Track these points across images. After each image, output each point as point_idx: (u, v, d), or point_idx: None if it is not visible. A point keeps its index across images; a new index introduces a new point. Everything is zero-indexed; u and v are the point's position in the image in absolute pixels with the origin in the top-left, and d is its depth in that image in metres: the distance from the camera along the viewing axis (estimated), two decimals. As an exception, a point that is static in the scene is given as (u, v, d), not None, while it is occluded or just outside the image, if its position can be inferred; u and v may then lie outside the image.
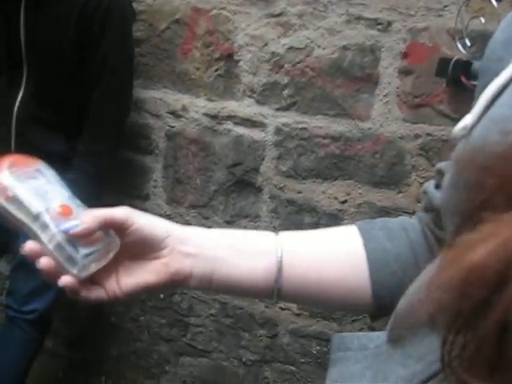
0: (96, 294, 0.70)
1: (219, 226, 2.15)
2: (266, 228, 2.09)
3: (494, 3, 1.67)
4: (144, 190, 2.27)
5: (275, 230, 2.03)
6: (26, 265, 1.92)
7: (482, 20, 1.70)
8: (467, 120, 0.55)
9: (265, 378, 2.30)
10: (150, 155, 2.23)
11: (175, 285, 0.73)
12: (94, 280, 0.70)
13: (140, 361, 2.52)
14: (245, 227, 2.12)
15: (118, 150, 2.05)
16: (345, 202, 1.97)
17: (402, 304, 0.61)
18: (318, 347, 2.16)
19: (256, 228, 2.11)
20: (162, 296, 2.36)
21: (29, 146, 1.89)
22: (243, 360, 2.31)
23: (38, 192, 0.69)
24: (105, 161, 1.97)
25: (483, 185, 0.41)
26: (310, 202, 2.01)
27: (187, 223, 2.20)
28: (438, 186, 0.70)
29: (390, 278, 0.73)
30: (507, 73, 0.53)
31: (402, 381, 0.54)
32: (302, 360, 2.20)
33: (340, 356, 0.70)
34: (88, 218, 0.67)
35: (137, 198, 2.26)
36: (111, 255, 0.70)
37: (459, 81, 1.67)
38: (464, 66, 1.67)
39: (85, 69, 1.88)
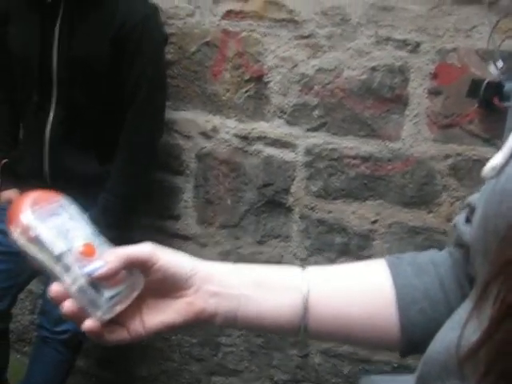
0: (119, 335, 0.68)
1: (250, 246, 2.16)
2: (296, 248, 2.10)
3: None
4: (175, 210, 2.29)
5: (306, 250, 2.03)
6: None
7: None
8: (497, 159, 0.53)
9: (296, 397, 2.29)
10: (180, 176, 2.25)
11: (200, 323, 0.71)
12: (116, 320, 0.68)
13: (171, 381, 2.53)
14: (275, 247, 2.13)
15: (151, 172, 2.06)
16: (375, 222, 1.97)
17: (432, 347, 0.60)
18: (349, 367, 2.15)
19: (287, 248, 2.11)
20: (192, 315, 2.37)
21: (62, 169, 1.91)
22: (275, 379, 2.30)
23: (60, 230, 0.67)
24: (138, 183, 1.99)
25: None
26: (341, 222, 2.02)
27: (217, 243, 2.21)
28: (468, 220, 0.69)
29: (418, 315, 0.71)
30: None
31: None
32: (333, 380, 2.19)
33: None
34: (111, 257, 0.66)
35: (168, 218, 2.28)
36: (135, 295, 0.68)
37: (491, 102, 1.66)
38: (497, 88, 1.67)
39: (118, 90, 1.90)
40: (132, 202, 2.01)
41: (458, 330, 0.50)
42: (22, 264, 2.02)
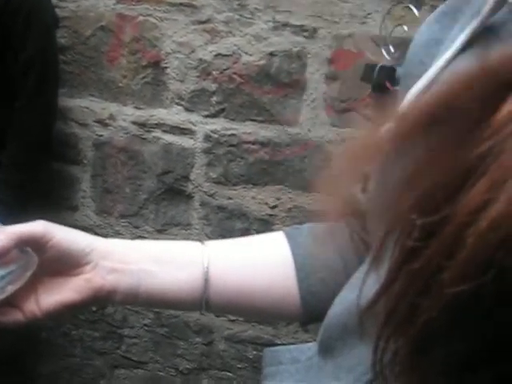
0: (13, 316, 0.66)
1: (150, 235, 2.13)
2: (197, 235, 2.09)
3: (415, 11, 1.72)
4: (73, 201, 2.22)
5: (207, 237, 2.03)
6: None
7: (405, 28, 1.74)
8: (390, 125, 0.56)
9: (202, 386, 2.29)
10: (77, 165, 2.18)
11: (99, 301, 0.70)
12: (10, 301, 0.66)
13: (73, 377, 2.46)
14: (176, 235, 2.10)
15: (44, 161, 1.99)
16: (275, 207, 1.99)
17: (331, 314, 0.61)
18: (254, 352, 2.16)
19: (188, 236, 2.10)
20: (94, 308, 2.32)
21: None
22: (180, 369, 2.29)
23: None
24: (31, 172, 1.92)
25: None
26: (241, 208, 2.02)
27: (118, 233, 2.16)
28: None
29: (318, 284, 0.73)
30: (429, 75, 0.54)
31: None
32: (238, 365, 2.20)
33: (272, 370, 0.69)
34: (2, 236, 0.64)
35: (65, 209, 2.21)
36: (28, 274, 0.65)
37: (384, 86, 1.70)
38: (388, 72, 1.71)
39: (7, 77, 1.83)
40: (26, 193, 1.93)
41: (356, 292, 0.49)
42: None
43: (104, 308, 2.30)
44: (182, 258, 0.73)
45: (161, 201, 2.11)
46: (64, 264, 0.67)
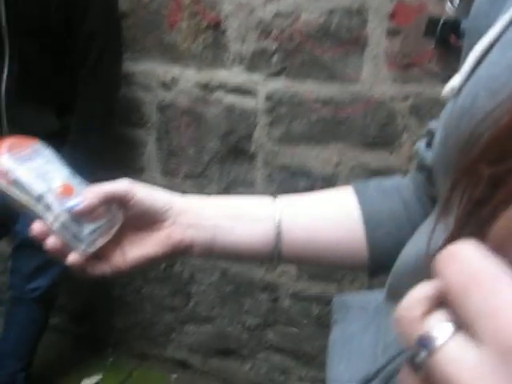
0: (101, 268, 0.71)
1: (215, 194, 2.17)
2: (261, 194, 2.11)
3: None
4: (138, 163, 2.28)
5: (271, 195, 2.06)
6: (28, 244, 1.94)
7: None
8: (455, 80, 0.55)
9: (268, 340, 2.34)
10: (142, 128, 2.23)
11: (178, 255, 0.74)
12: (98, 255, 0.71)
13: (145, 331, 2.56)
14: (240, 195, 2.13)
15: (110, 126, 2.04)
16: (338, 164, 1.99)
17: (399, 262, 0.63)
18: (318, 308, 2.20)
19: (252, 194, 2.12)
20: (163, 266, 2.39)
21: (21, 127, 1.89)
22: (246, 325, 2.35)
23: (38, 173, 0.69)
24: (98, 137, 1.97)
25: (474, 142, 0.43)
26: (304, 167, 2.03)
27: (183, 194, 2.21)
28: (429, 145, 0.71)
29: (385, 237, 0.75)
30: (495, 30, 0.52)
31: None
32: (303, 321, 2.24)
33: (341, 316, 0.73)
34: (90, 194, 0.68)
35: (131, 171, 2.27)
36: (115, 229, 0.71)
37: (448, 41, 1.67)
38: (453, 26, 1.67)
39: (71, 45, 1.86)
40: (95, 157, 1.99)
41: (424, 241, 0.52)
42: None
43: (172, 266, 2.38)
44: (255, 212, 0.75)
45: (224, 161, 2.14)
46: (146, 220, 0.71)
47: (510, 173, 0.37)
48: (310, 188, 2.03)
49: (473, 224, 0.41)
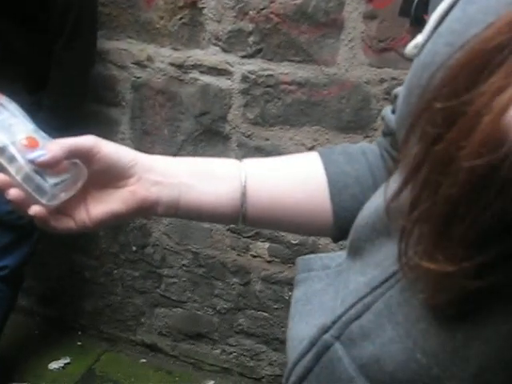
0: (65, 223, 0.70)
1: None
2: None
3: None
4: (112, 141, 2.25)
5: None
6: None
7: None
8: (419, 39, 0.56)
9: (239, 325, 2.33)
10: (116, 107, 2.21)
11: (143, 212, 0.73)
12: (63, 211, 0.70)
13: (115, 314, 2.54)
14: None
15: (83, 102, 2.02)
16: (312, 147, 1.99)
17: (359, 217, 0.64)
18: (290, 293, 2.19)
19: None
20: (134, 249, 2.37)
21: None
22: (217, 308, 2.34)
23: (2, 126, 0.69)
24: (71, 114, 1.94)
25: (430, 88, 0.44)
26: (278, 149, 2.02)
27: (157, 175, 2.19)
28: (394, 111, 0.71)
29: (350, 199, 0.75)
30: None
31: (361, 286, 0.57)
32: (274, 306, 2.24)
33: (304, 277, 0.73)
34: (54, 147, 0.67)
35: (105, 151, 2.24)
36: (79, 185, 0.70)
37: (422, 19, 1.67)
38: (426, 5, 1.67)
39: (46, 18, 1.83)
40: (67, 134, 1.96)
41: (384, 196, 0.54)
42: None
43: (144, 248, 2.36)
44: (221, 172, 0.75)
45: (199, 142, 2.13)
46: (111, 176, 0.71)
47: (462, 109, 0.38)
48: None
49: (429, 159, 0.42)
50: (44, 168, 0.67)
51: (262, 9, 1.94)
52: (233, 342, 2.38)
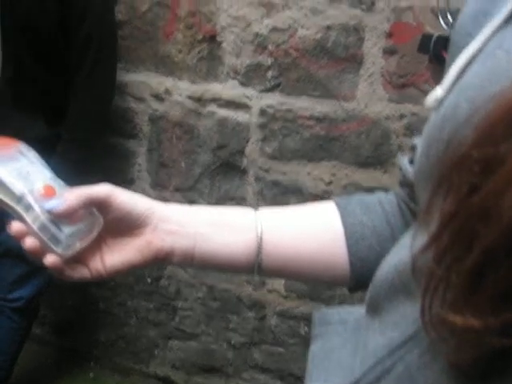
0: (80, 272, 0.70)
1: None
2: (252, 210, 2.09)
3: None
4: (128, 174, 2.25)
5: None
6: (11, 253, 1.90)
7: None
8: (438, 91, 0.56)
9: (254, 359, 2.30)
10: (133, 139, 2.21)
11: (158, 262, 0.73)
12: (78, 259, 0.70)
13: (129, 346, 2.52)
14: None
15: (102, 135, 2.02)
16: (330, 183, 1.97)
17: (379, 273, 0.63)
18: (306, 328, 2.16)
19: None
20: (149, 280, 2.36)
21: (9, 131, 1.85)
22: (232, 343, 2.31)
23: (20, 173, 0.69)
24: (91, 147, 1.95)
25: (455, 147, 0.43)
26: (296, 184, 2.01)
27: (173, 207, 2.19)
28: (411, 161, 0.71)
29: (367, 250, 0.74)
30: (476, 44, 0.54)
31: (380, 347, 0.55)
32: (290, 341, 2.21)
33: (321, 331, 0.72)
34: (70, 196, 0.68)
35: (121, 182, 2.24)
36: (95, 234, 0.70)
37: (441, 56, 1.66)
38: (445, 42, 1.66)
39: (66, 51, 1.85)
40: (85, 167, 1.96)
41: (404, 252, 0.54)
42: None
43: (159, 280, 2.34)
44: (237, 222, 0.75)
45: (216, 175, 2.12)
46: (126, 225, 0.71)
47: (502, 158, 0.38)
48: (301, 205, 2.01)
49: (465, 209, 0.41)
50: (60, 218, 0.68)
51: (281, 43, 1.94)
52: (247, 377, 2.35)
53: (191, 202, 2.17)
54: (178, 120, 2.12)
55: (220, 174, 2.11)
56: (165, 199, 2.15)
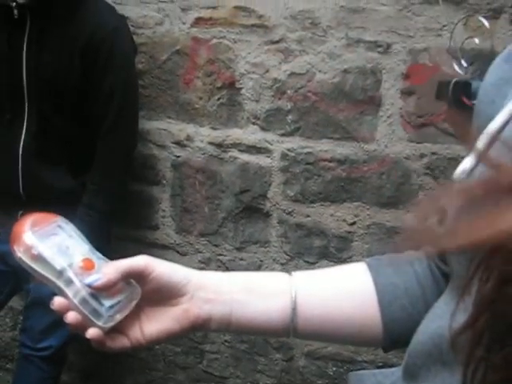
0: (120, 343, 0.72)
1: (229, 252, 2.16)
2: (276, 253, 2.10)
3: (486, 23, 1.68)
4: (153, 220, 2.28)
5: (286, 254, 2.04)
6: (40, 302, 1.92)
7: (476, 40, 1.71)
8: (467, 163, 0.57)
9: (283, 401, 2.30)
10: (157, 186, 2.24)
11: (196, 330, 0.74)
12: (117, 329, 0.72)
13: (157, 389, 2.52)
14: (255, 253, 2.13)
15: (126, 185, 2.05)
16: (353, 223, 1.98)
17: (415, 341, 0.64)
18: (334, 368, 2.16)
19: (266, 253, 2.12)
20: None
21: (37, 185, 1.89)
22: (260, 384, 2.31)
23: (60, 248, 0.71)
24: (116, 197, 1.98)
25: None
26: (319, 226, 2.02)
27: (197, 251, 2.21)
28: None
29: (399, 311, 0.76)
30: (502, 116, 0.55)
31: None
32: (319, 382, 2.20)
33: None
34: (109, 270, 0.70)
35: (146, 228, 2.27)
36: (134, 304, 0.72)
37: (460, 101, 1.68)
38: (463, 87, 1.68)
39: (90, 103, 1.88)
40: (111, 215, 1.99)
41: (439, 321, 0.55)
42: (1, 281, 2.01)
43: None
44: (271, 288, 0.77)
45: (239, 219, 2.14)
46: (164, 295, 0.73)
47: None
48: (325, 247, 2.02)
49: (503, 297, 0.42)
50: (100, 291, 0.69)
51: (300, 88, 1.97)
52: (277, 418, 2.34)
53: (216, 246, 2.19)
54: (200, 166, 2.15)
55: (244, 218, 2.13)
56: (189, 244, 2.18)
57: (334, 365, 2.15)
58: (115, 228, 2.07)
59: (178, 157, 2.18)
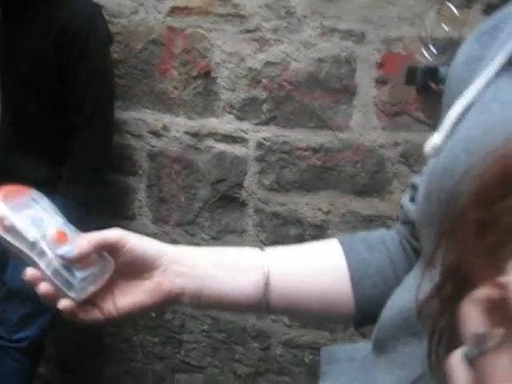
0: (93, 315, 0.72)
1: (206, 242, 2.16)
2: (252, 242, 2.11)
3: (455, 11, 1.70)
4: (129, 210, 2.27)
5: (261, 243, 2.05)
6: (15, 293, 1.91)
7: (446, 28, 1.73)
8: (436, 139, 0.58)
9: (260, 390, 2.31)
10: (133, 176, 2.23)
11: (168, 303, 0.75)
12: (90, 302, 0.72)
13: (135, 380, 2.52)
14: (231, 242, 2.13)
15: (102, 175, 2.04)
16: (329, 212, 1.99)
17: (384, 316, 0.65)
18: (310, 356, 2.17)
19: (243, 242, 2.12)
20: (153, 315, 2.37)
21: (11, 175, 1.88)
22: (238, 373, 2.31)
23: (33, 220, 0.71)
24: (92, 186, 1.97)
25: (455, 201, 0.45)
26: (295, 214, 2.03)
27: (174, 241, 2.20)
28: (412, 200, 0.73)
29: (371, 288, 0.76)
30: (471, 93, 0.56)
31: None
32: (295, 370, 2.21)
33: (328, 369, 0.74)
34: (82, 242, 0.70)
35: (122, 218, 2.26)
36: (106, 277, 0.72)
37: (429, 87, 1.70)
38: (431, 73, 1.70)
39: (65, 94, 1.87)
40: (87, 205, 1.98)
41: (407, 296, 0.56)
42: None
43: (163, 314, 2.35)
44: (244, 263, 0.77)
45: (215, 209, 2.14)
46: (137, 268, 0.73)
47: (497, 218, 0.38)
48: (301, 235, 2.03)
49: (460, 273, 0.42)
50: (73, 263, 0.69)
51: (275, 77, 1.98)
52: (254, 407, 2.35)
53: (192, 235, 2.19)
54: (176, 155, 2.14)
55: (220, 208, 2.14)
56: (166, 234, 2.18)
57: (310, 353, 2.16)
58: (92, 217, 2.07)
59: (154, 147, 2.17)
